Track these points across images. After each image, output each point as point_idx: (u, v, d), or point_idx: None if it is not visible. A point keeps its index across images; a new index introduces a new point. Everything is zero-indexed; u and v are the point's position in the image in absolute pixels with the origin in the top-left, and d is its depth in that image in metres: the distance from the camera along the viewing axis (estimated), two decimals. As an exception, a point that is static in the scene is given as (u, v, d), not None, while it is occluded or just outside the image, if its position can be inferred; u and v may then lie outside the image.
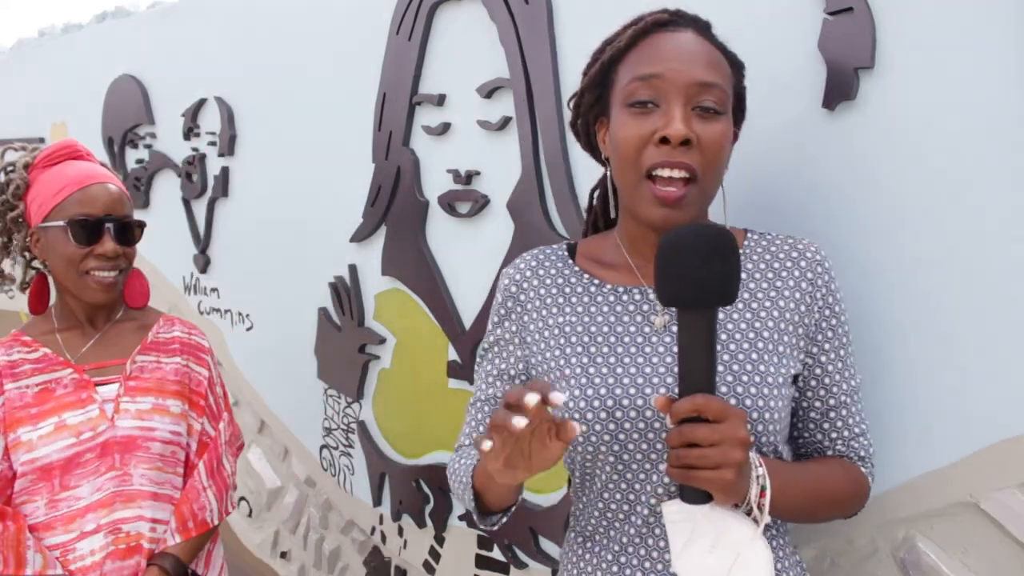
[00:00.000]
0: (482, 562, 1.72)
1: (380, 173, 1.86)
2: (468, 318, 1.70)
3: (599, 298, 0.97)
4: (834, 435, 0.95)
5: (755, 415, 0.87)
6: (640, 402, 0.88)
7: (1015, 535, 0.98)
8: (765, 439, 0.88)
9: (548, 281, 1.01)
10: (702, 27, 0.93)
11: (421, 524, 1.85)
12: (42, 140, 3.18)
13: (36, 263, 1.41)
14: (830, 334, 0.93)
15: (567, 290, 0.99)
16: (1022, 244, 0.95)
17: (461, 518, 1.76)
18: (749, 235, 0.98)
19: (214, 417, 1.45)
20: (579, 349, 0.94)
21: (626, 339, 0.93)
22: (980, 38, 0.97)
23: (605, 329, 0.95)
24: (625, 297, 0.96)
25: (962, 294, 1.00)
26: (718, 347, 0.86)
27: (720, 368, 0.87)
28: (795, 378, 0.93)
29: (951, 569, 1.04)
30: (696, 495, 0.78)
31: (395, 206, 1.83)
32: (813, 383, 0.94)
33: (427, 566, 1.86)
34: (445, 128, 1.70)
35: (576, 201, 1.46)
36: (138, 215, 2.74)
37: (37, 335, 1.35)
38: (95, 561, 1.26)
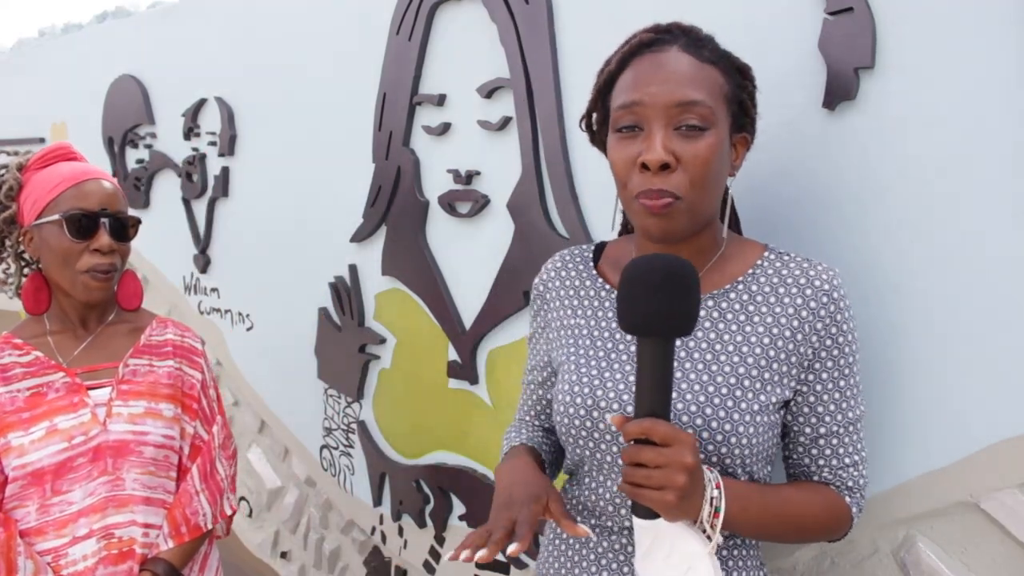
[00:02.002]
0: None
1: (380, 173, 1.86)
2: (468, 318, 1.70)
3: (607, 303, 1.02)
4: (821, 462, 0.95)
5: (719, 437, 0.88)
6: (616, 407, 0.94)
7: (1015, 535, 0.98)
8: (731, 461, 0.90)
9: (568, 283, 1.07)
10: (692, 40, 0.92)
11: (421, 524, 1.85)
12: (42, 140, 3.19)
13: (27, 268, 1.40)
14: (830, 364, 0.92)
15: (582, 293, 1.05)
16: (1022, 244, 0.95)
17: (461, 518, 1.76)
18: (766, 254, 0.97)
19: (207, 421, 1.43)
20: (580, 351, 1.00)
21: (620, 346, 0.98)
22: (980, 38, 0.97)
23: (606, 334, 1.00)
24: None
25: (962, 294, 1.00)
26: (698, 366, 0.92)
27: (696, 387, 0.90)
28: (786, 403, 0.94)
29: (951, 569, 1.04)
30: (644, 511, 0.81)
31: (395, 206, 1.83)
32: (806, 410, 0.94)
33: (427, 566, 1.86)
34: (445, 128, 1.70)
35: (576, 201, 1.46)
36: (138, 215, 2.74)
37: (28, 338, 1.34)
38: (87, 567, 1.24)
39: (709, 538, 0.83)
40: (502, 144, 1.58)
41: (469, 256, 1.69)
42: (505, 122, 1.56)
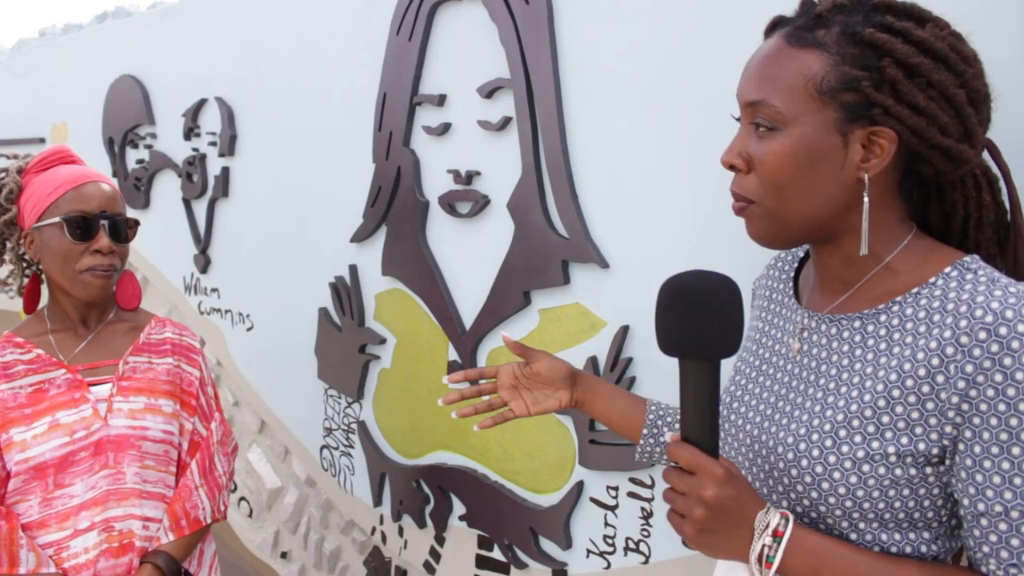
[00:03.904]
0: (482, 562, 1.72)
1: (380, 173, 1.86)
2: (468, 318, 1.70)
3: (783, 311, 0.94)
4: (986, 549, 0.72)
5: (808, 479, 0.78)
6: (748, 427, 0.88)
7: (1015, 535, 0.98)
8: (826, 510, 0.78)
9: (772, 283, 0.99)
10: (807, 22, 0.79)
11: (421, 524, 1.85)
12: (42, 140, 3.19)
13: (28, 269, 1.43)
14: (993, 421, 0.70)
15: (775, 297, 0.97)
16: (1022, 244, 0.95)
17: (461, 518, 1.76)
18: (947, 269, 0.77)
19: (205, 417, 1.46)
20: (751, 357, 0.95)
21: (773, 358, 0.92)
22: (980, 38, 0.97)
23: (769, 343, 0.93)
24: (794, 316, 0.91)
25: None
26: (817, 394, 0.82)
27: (804, 418, 0.81)
28: (935, 460, 0.75)
29: (951, 569, 1.03)
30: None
31: (395, 206, 1.83)
32: (963, 475, 0.73)
33: (427, 566, 1.86)
34: (445, 128, 1.70)
35: (576, 201, 1.46)
36: (138, 215, 2.75)
37: (30, 336, 1.36)
38: (89, 559, 1.27)
39: None
40: (502, 144, 1.58)
41: (469, 256, 1.69)
42: (505, 122, 1.56)
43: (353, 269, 1.97)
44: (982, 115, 0.79)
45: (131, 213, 2.60)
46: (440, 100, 1.70)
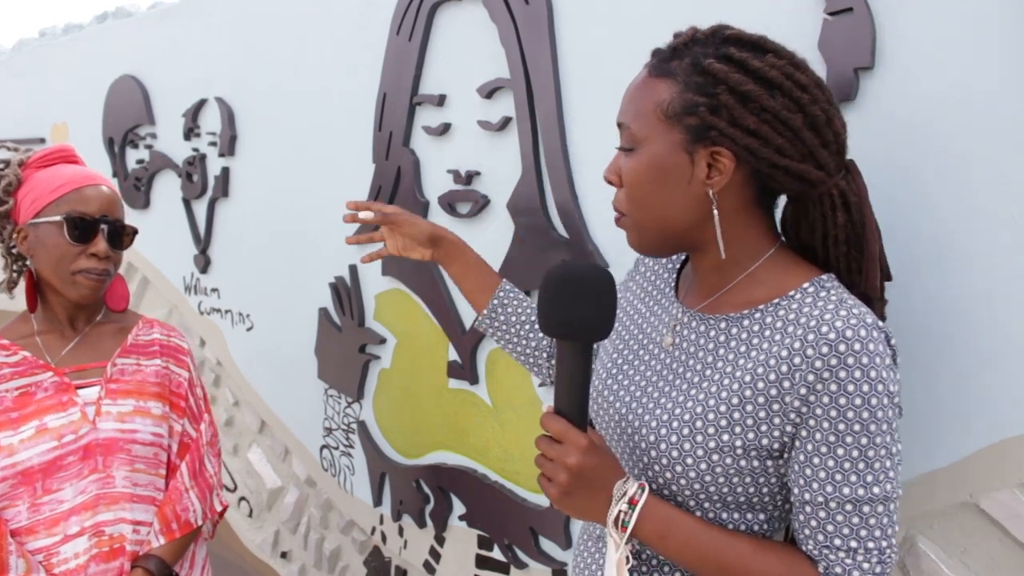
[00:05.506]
0: (482, 562, 1.72)
1: (380, 173, 1.86)
2: (468, 318, 1.70)
3: (663, 301, 1.01)
4: (807, 532, 0.83)
5: (665, 461, 0.87)
6: (618, 405, 0.95)
7: (1015, 535, 0.98)
8: (677, 489, 0.87)
9: (658, 268, 1.07)
10: (668, 54, 0.87)
11: (421, 524, 1.85)
12: (42, 140, 3.19)
13: (16, 264, 1.41)
14: (825, 425, 0.80)
15: (659, 284, 1.04)
16: (1021, 244, 0.95)
17: (461, 518, 1.76)
18: (805, 286, 0.86)
19: (195, 418, 1.45)
20: (630, 340, 1.01)
21: (648, 344, 0.98)
22: (980, 38, 0.97)
23: (648, 329, 1.00)
24: (671, 309, 0.98)
25: (962, 294, 1.00)
26: (682, 386, 0.90)
27: (669, 405, 0.89)
28: (778, 453, 0.85)
29: (951, 569, 1.04)
30: None
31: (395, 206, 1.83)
32: (796, 468, 0.83)
33: (427, 566, 1.86)
34: (445, 128, 1.70)
35: (576, 201, 1.46)
36: (139, 215, 2.75)
37: (16, 338, 1.34)
38: (79, 564, 1.25)
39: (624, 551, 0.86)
40: (502, 144, 1.58)
41: (469, 256, 1.69)
42: (505, 122, 1.56)
43: (353, 269, 1.97)
44: (825, 138, 0.84)
45: (131, 213, 2.60)
46: (440, 100, 1.70)
